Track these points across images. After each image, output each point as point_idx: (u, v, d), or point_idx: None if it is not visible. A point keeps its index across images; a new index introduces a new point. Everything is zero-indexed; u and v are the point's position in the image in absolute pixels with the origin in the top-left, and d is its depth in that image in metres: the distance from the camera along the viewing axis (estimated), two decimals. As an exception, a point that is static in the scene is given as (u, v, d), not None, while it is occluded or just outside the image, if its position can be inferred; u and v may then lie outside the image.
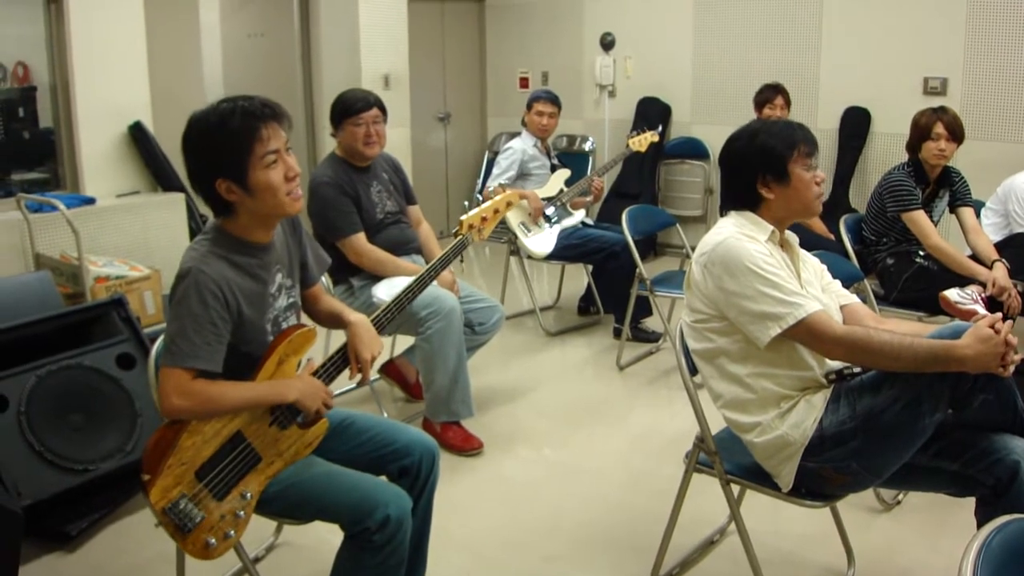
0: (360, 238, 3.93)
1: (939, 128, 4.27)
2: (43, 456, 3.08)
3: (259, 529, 2.85)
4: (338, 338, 2.58)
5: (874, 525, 3.26)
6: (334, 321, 2.63)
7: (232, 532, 2.23)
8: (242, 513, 2.25)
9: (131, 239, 5.23)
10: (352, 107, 3.92)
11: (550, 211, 5.37)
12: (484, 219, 3.16)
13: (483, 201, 3.42)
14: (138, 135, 5.45)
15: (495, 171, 5.45)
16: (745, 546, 2.63)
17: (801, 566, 3.03)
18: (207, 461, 2.21)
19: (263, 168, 2.22)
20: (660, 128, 5.91)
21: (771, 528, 3.18)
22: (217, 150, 2.21)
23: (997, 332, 2.14)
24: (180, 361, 2.16)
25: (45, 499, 3.05)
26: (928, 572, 2.97)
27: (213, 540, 2.20)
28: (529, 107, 5.55)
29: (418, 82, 7.66)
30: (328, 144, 4.21)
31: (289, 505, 2.33)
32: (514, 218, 5.23)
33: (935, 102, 4.76)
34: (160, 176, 5.57)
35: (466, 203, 8.31)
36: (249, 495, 2.26)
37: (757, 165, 2.49)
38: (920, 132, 4.32)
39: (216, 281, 2.21)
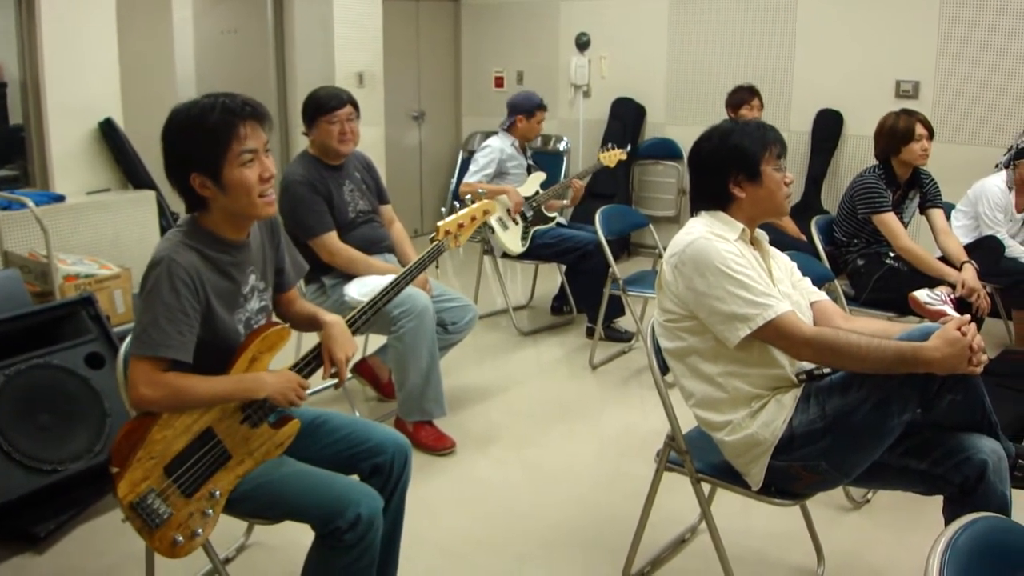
0: (332, 237, 3.91)
1: (920, 129, 4.32)
2: (11, 456, 3.05)
3: (230, 529, 2.84)
4: (309, 341, 2.56)
5: (844, 523, 3.29)
6: (309, 323, 2.61)
7: (200, 531, 2.22)
8: (211, 512, 2.24)
9: (101, 237, 5.18)
10: (326, 105, 3.90)
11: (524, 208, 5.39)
12: (460, 226, 3.15)
13: (460, 198, 3.40)
14: (108, 132, 5.41)
15: (473, 167, 5.45)
16: (716, 544, 2.64)
17: (771, 564, 3.05)
18: (177, 456, 2.20)
19: (238, 166, 2.21)
20: (629, 147, 5.96)
21: (742, 526, 3.20)
22: (194, 143, 2.21)
23: (964, 334, 2.16)
24: (151, 350, 2.15)
25: (13, 500, 3.01)
26: (897, 569, 3.00)
27: (180, 538, 2.19)
28: (531, 114, 5.48)
29: (392, 81, 7.64)
30: (301, 142, 4.19)
31: (259, 505, 2.32)
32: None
33: (907, 105, 4.80)
34: (131, 173, 5.52)
35: (443, 209, 8.31)
36: (218, 493, 2.25)
37: (730, 164, 2.50)
38: (902, 135, 4.34)
39: (187, 270, 2.20)
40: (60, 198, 5.10)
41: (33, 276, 4.51)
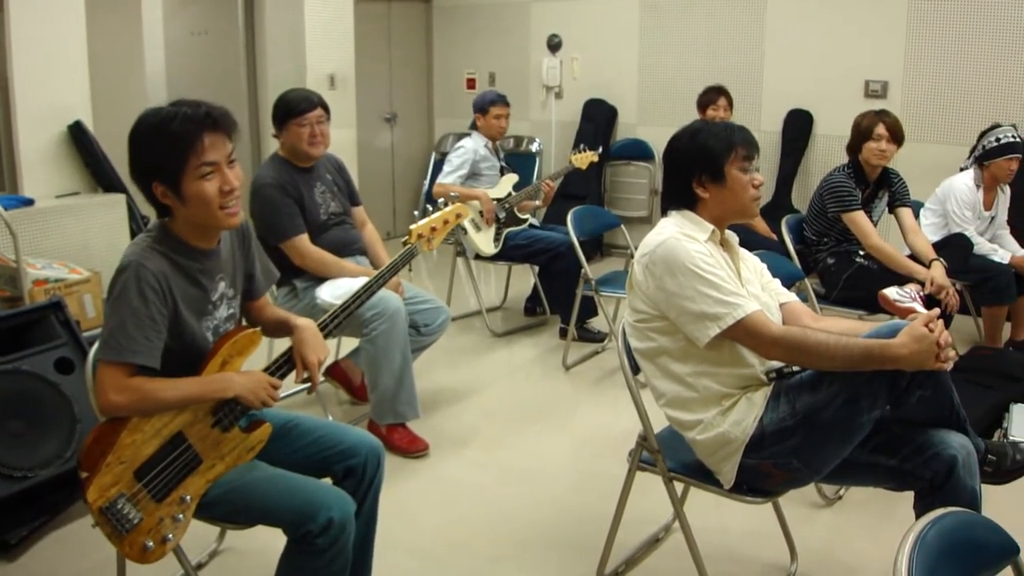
0: (303, 239, 3.89)
1: (880, 129, 4.35)
2: (-20, 463, 3.02)
3: (203, 535, 2.82)
4: (280, 347, 2.55)
5: (816, 520, 3.31)
6: (280, 329, 2.59)
7: (171, 536, 2.20)
8: (181, 516, 2.22)
9: (70, 241, 5.13)
10: (296, 107, 3.88)
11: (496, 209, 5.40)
12: (433, 229, 3.15)
13: (434, 200, 3.39)
14: (78, 135, 5.36)
15: (446, 168, 5.45)
16: (689, 543, 2.65)
17: (744, 561, 3.06)
18: (147, 461, 2.18)
19: (197, 178, 2.17)
20: (600, 149, 5.98)
21: (715, 524, 3.21)
22: (154, 153, 2.18)
23: (932, 330, 2.18)
24: (118, 356, 2.13)
25: (-17, 507, 2.99)
26: (869, 565, 3.02)
27: (151, 543, 2.17)
28: (485, 111, 5.54)
29: (364, 82, 7.63)
30: (272, 144, 4.18)
31: (231, 509, 2.30)
32: (465, 213, 5.25)
33: (876, 105, 4.84)
34: (100, 177, 5.48)
35: (416, 212, 8.29)
36: (189, 498, 2.24)
37: (694, 164, 2.51)
38: (862, 133, 4.40)
39: (155, 276, 2.18)
40: (29, 202, 5.05)
41: (2, 281, 4.47)
